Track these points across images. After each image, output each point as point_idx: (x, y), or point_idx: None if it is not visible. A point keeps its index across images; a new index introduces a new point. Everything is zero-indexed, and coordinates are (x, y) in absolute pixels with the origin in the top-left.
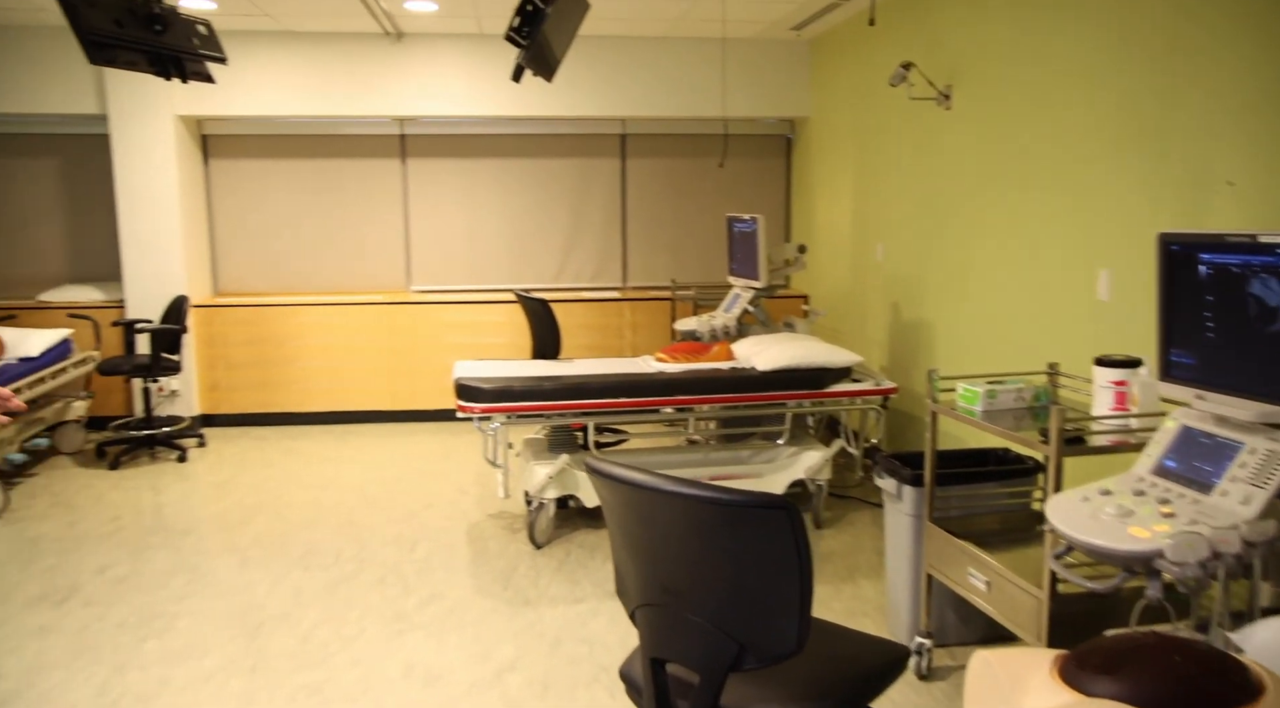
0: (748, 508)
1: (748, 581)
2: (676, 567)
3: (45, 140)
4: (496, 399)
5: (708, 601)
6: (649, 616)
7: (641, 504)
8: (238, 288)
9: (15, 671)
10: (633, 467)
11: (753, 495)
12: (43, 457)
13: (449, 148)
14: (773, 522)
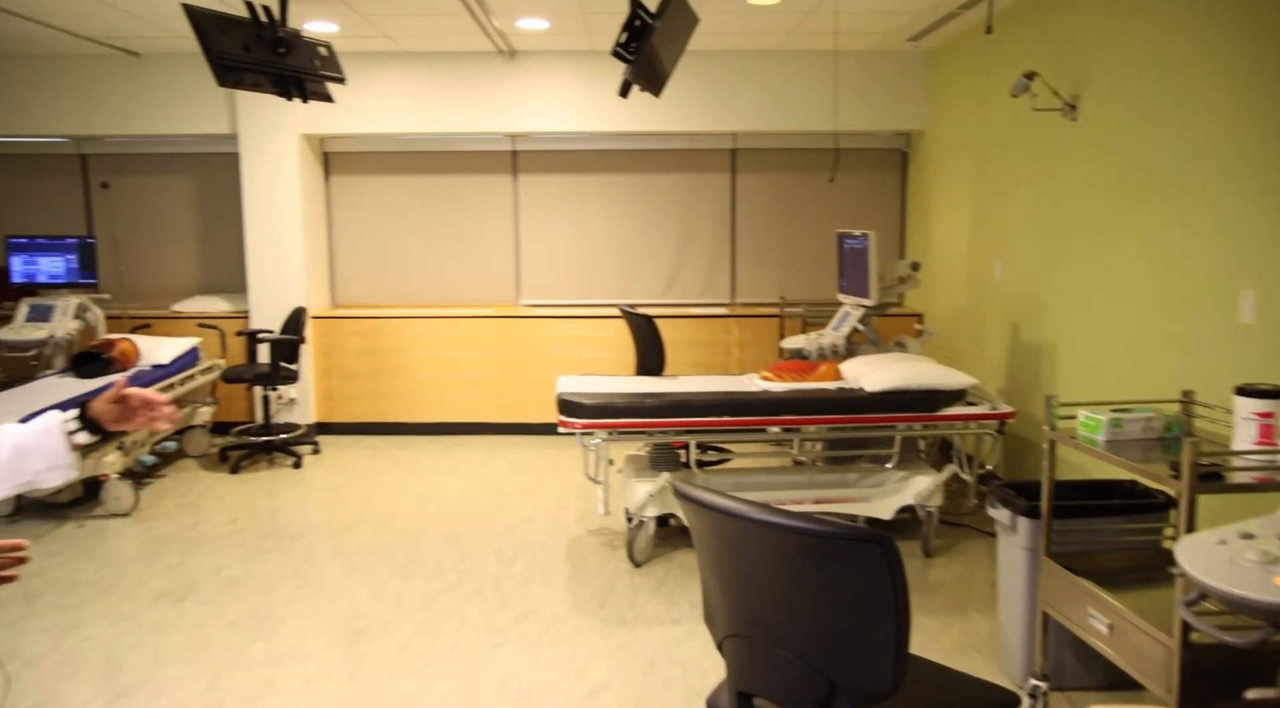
0: (840, 540)
1: (840, 616)
2: (765, 599)
3: (181, 159)
4: (597, 415)
5: (798, 635)
6: (737, 647)
7: (729, 532)
8: (354, 300)
9: (136, 664)
10: (721, 492)
11: (846, 527)
12: (171, 459)
13: (559, 163)
14: (867, 555)
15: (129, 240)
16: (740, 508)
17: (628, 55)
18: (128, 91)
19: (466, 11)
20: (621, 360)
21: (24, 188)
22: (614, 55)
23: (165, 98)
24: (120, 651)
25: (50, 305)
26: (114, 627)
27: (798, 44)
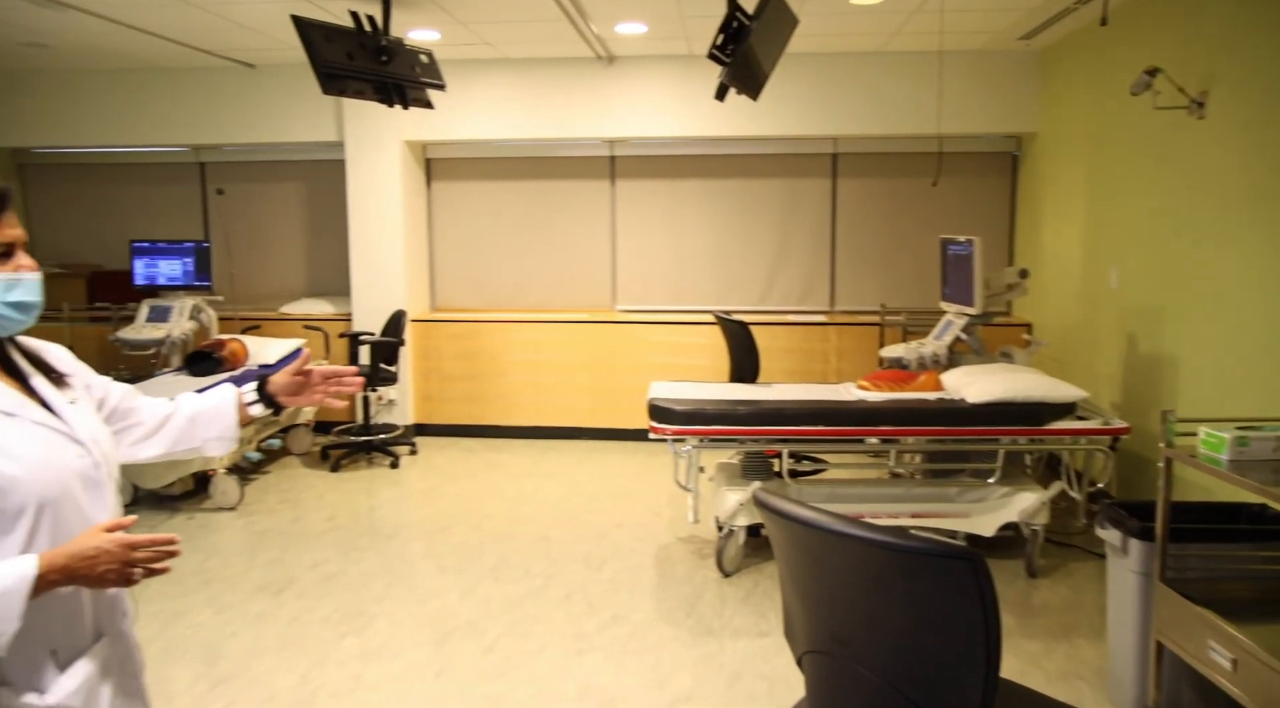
0: (926, 557)
1: (925, 635)
2: (847, 614)
3: (291, 166)
4: (688, 422)
5: (880, 654)
6: (816, 664)
7: (810, 544)
8: (454, 304)
9: (234, 653)
10: (802, 503)
11: (933, 543)
12: (275, 456)
13: (657, 169)
14: (954, 573)
15: (241, 245)
16: (821, 520)
17: (724, 58)
18: (243, 101)
19: (565, 17)
20: (717, 367)
21: (148, 195)
22: (710, 58)
23: (277, 107)
24: (221, 639)
25: (168, 306)
26: (217, 616)
27: (901, 45)
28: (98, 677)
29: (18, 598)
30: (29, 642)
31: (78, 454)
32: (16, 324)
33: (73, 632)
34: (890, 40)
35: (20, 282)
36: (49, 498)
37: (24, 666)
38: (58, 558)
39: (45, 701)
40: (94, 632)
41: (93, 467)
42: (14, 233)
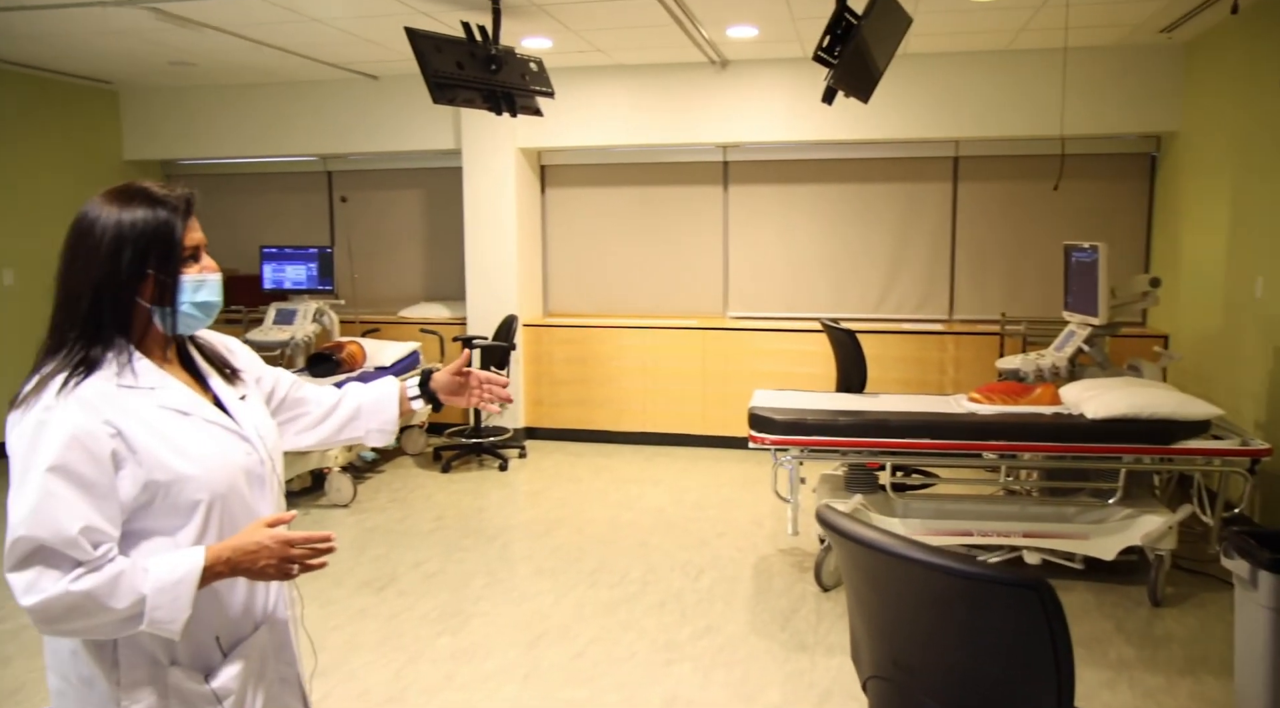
0: (988, 583)
1: (989, 666)
2: (909, 640)
3: (411, 174)
4: (788, 432)
5: (943, 683)
6: (880, 690)
7: (870, 565)
8: (565, 309)
9: (334, 646)
10: (863, 521)
11: (994, 570)
12: (389, 456)
13: (770, 174)
14: (1019, 602)
15: (363, 250)
16: (880, 540)
17: (830, 59)
18: (367, 112)
19: (674, 22)
20: (828, 376)
21: (279, 202)
22: (815, 60)
23: (399, 116)
24: (323, 632)
25: (294, 310)
26: (321, 609)
27: (1026, 43)
28: (257, 663)
29: (188, 588)
30: (196, 628)
31: (245, 452)
32: (198, 323)
33: (235, 620)
34: (1014, 38)
35: (205, 282)
36: (218, 493)
37: (192, 650)
38: (223, 551)
39: (210, 684)
40: (254, 621)
41: (258, 463)
42: (198, 236)
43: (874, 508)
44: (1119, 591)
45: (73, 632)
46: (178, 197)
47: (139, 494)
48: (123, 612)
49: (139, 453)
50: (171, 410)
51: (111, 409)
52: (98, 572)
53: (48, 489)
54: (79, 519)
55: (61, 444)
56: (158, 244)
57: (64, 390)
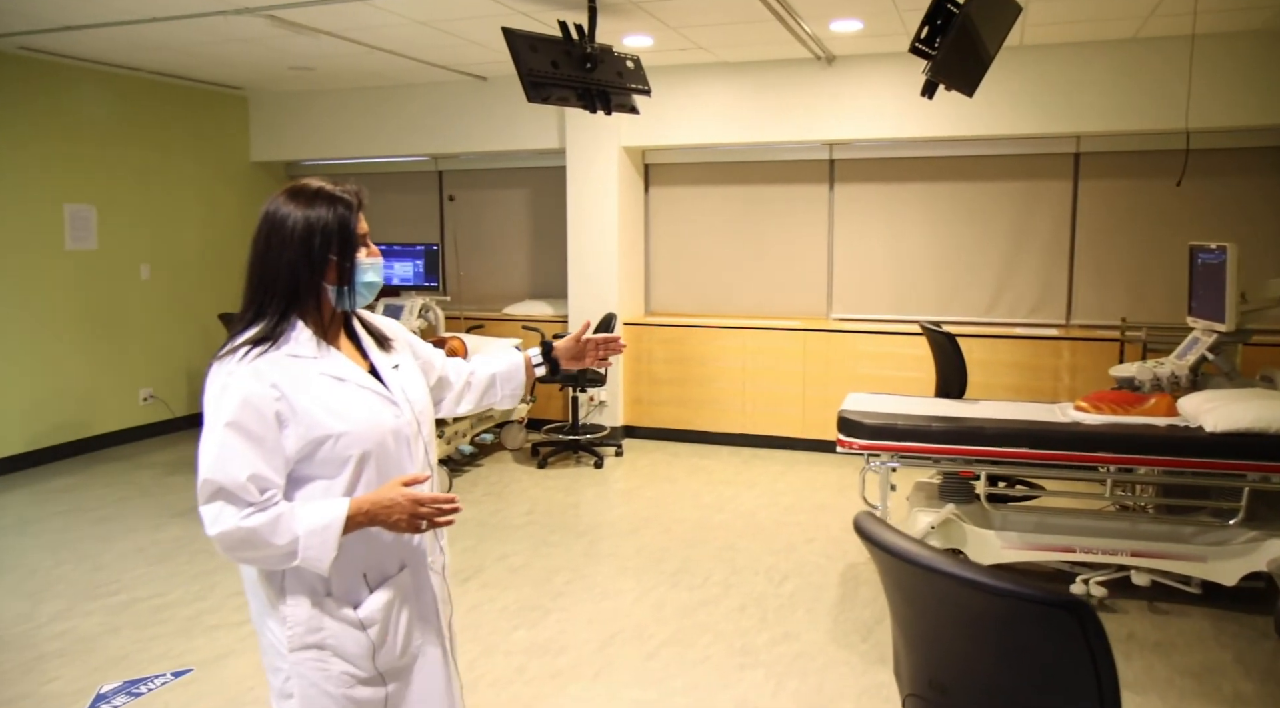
0: (1022, 602)
1: (1025, 690)
2: (944, 660)
3: (517, 173)
4: (877, 436)
5: (978, 705)
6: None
7: (904, 578)
8: (667, 308)
9: None
10: (896, 531)
11: (1029, 587)
12: (488, 451)
13: (877, 172)
14: (1057, 624)
15: (470, 248)
16: (912, 550)
17: (929, 51)
18: (475, 112)
19: (774, 18)
20: (933, 381)
21: (391, 202)
22: (913, 52)
23: (506, 117)
24: None
25: (401, 305)
26: None
27: (1154, 30)
28: (398, 600)
29: (334, 533)
30: (346, 565)
31: (394, 414)
32: (365, 300)
33: (379, 560)
34: (1140, 26)
35: (374, 265)
36: (368, 450)
37: (343, 583)
38: (364, 503)
39: (357, 614)
40: (399, 563)
41: (406, 424)
42: (365, 226)
43: (968, 519)
44: (1241, 620)
45: (246, 560)
46: (351, 193)
47: (300, 448)
48: (282, 548)
49: (299, 414)
50: (330, 377)
51: (279, 375)
52: (263, 512)
53: (225, 441)
54: (248, 468)
55: (237, 405)
56: (340, 234)
57: (245, 358)
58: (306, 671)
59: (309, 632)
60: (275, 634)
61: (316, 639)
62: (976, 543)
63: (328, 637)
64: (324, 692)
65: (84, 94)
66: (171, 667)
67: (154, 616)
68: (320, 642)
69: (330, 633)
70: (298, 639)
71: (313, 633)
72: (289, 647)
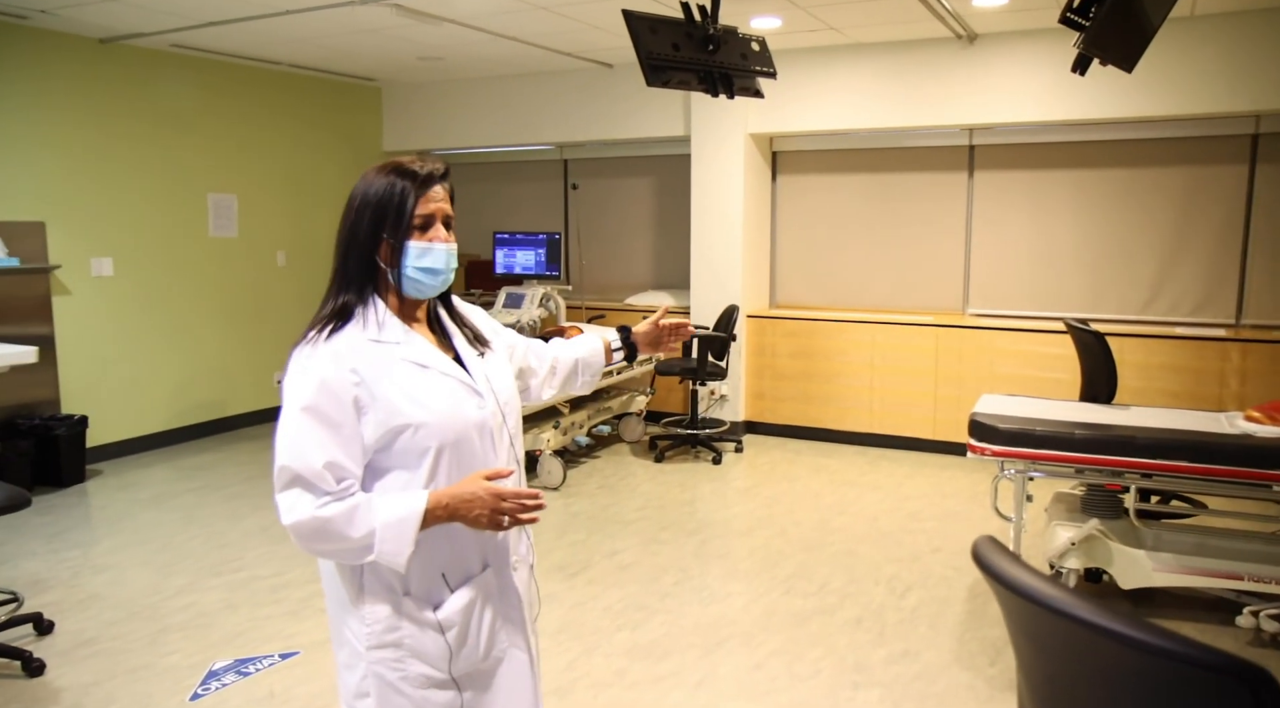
0: (1178, 663)
1: None
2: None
3: (641, 162)
4: (1011, 442)
5: None
6: None
7: (1031, 621)
8: (793, 300)
9: None
10: (1017, 561)
11: (1190, 646)
12: (605, 442)
13: (1022, 158)
14: (1222, 695)
15: (593, 237)
16: (1043, 591)
17: (1081, 21)
18: (601, 100)
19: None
20: (1077, 383)
21: (516, 191)
22: (1063, 23)
23: (631, 104)
24: None
25: (522, 294)
26: None
27: None
28: (480, 601)
29: (411, 527)
30: (425, 563)
31: (477, 405)
32: (423, 288)
33: (460, 559)
34: None
35: (431, 250)
36: (448, 441)
37: (422, 583)
38: (443, 497)
39: (436, 615)
40: (481, 561)
41: (490, 416)
42: (435, 207)
43: (1114, 536)
44: None
45: (321, 552)
46: (423, 169)
47: (379, 437)
48: (357, 541)
49: (379, 400)
50: (412, 363)
51: (358, 360)
52: (340, 502)
53: (301, 426)
54: (325, 455)
55: (314, 389)
56: (390, 211)
57: (323, 339)
58: (384, 670)
59: (387, 630)
60: (353, 631)
61: (394, 639)
62: (1123, 563)
63: (405, 637)
64: (401, 692)
65: (228, 88)
66: (280, 648)
67: (270, 595)
68: (398, 641)
69: (408, 633)
70: (375, 638)
71: (391, 632)
72: (367, 644)
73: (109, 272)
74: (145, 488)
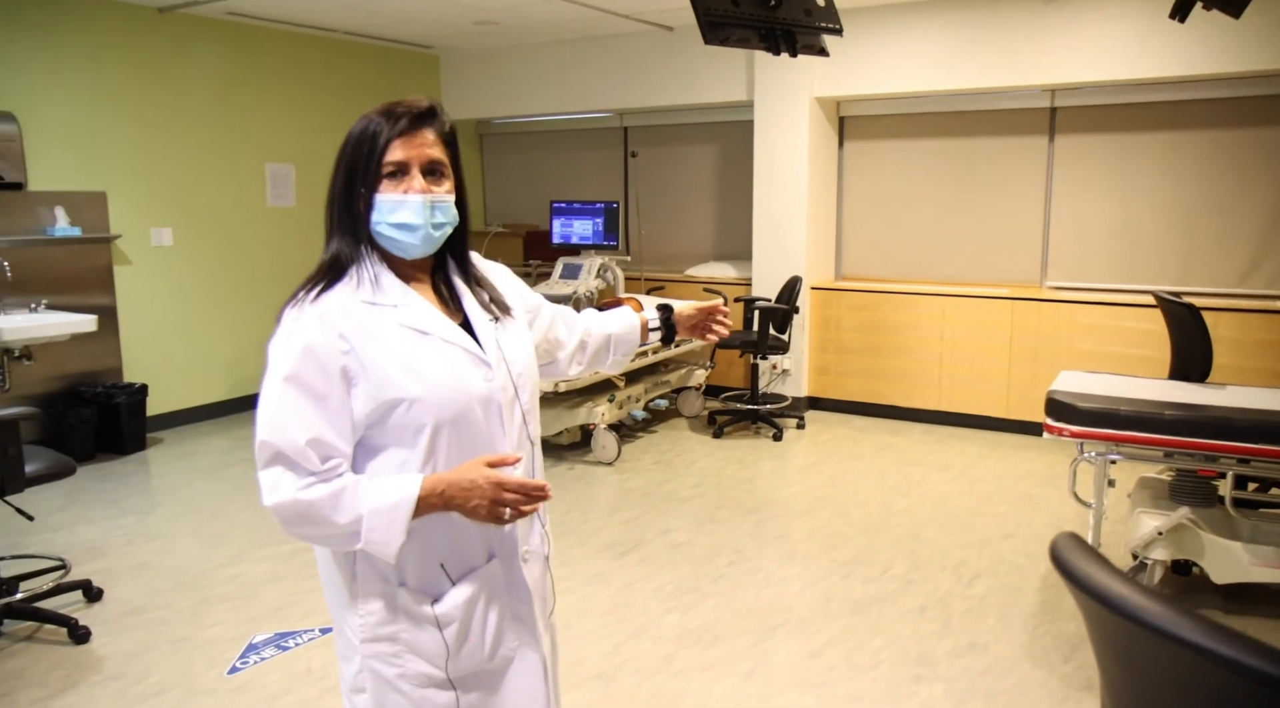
0: (1271, 685)
1: None
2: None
3: (702, 128)
4: (1092, 422)
5: None
6: None
7: (1105, 624)
8: (859, 272)
9: (562, 609)
10: (1102, 562)
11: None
12: (662, 417)
13: (1108, 120)
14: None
15: (652, 207)
16: (1122, 595)
17: None
18: (661, 65)
19: None
20: (1166, 360)
21: (575, 159)
22: None
23: (692, 68)
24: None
25: (579, 264)
26: (559, 569)
27: None
28: (485, 596)
29: (402, 515)
30: (422, 553)
31: (484, 377)
32: (408, 246)
33: (461, 549)
34: None
35: (404, 203)
36: (446, 418)
37: (419, 574)
38: (439, 484)
39: (434, 610)
40: (486, 552)
41: (499, 390)
42: (415, 153)
43: (1207, 526)
44: None
45: (306, 537)
46: (402, 108)
47: (370, 412)
48: (343, 527)
49: (369, 371)
50: (410, 329)
51: (349, 324)
52: (325, 484)
53: (283, 398)
54: (308, 431)
55: (298, 355)
56: (359, 157)
57: (310, 300)
58: (379, 665)
59: (381, 623)
60: (348, 622)
61: (389, 633)
62: (1216, 556)
63: (401, 631)
64: (398, 690)
65: (285, 57)
66: (321, 623)
67: (313, 569)
68: (393, 635)
69: (404, 628)
70: (369, 630)
71: (385, 625)
72: (361, 637)
73: (169, 241)
74: (202, 457)
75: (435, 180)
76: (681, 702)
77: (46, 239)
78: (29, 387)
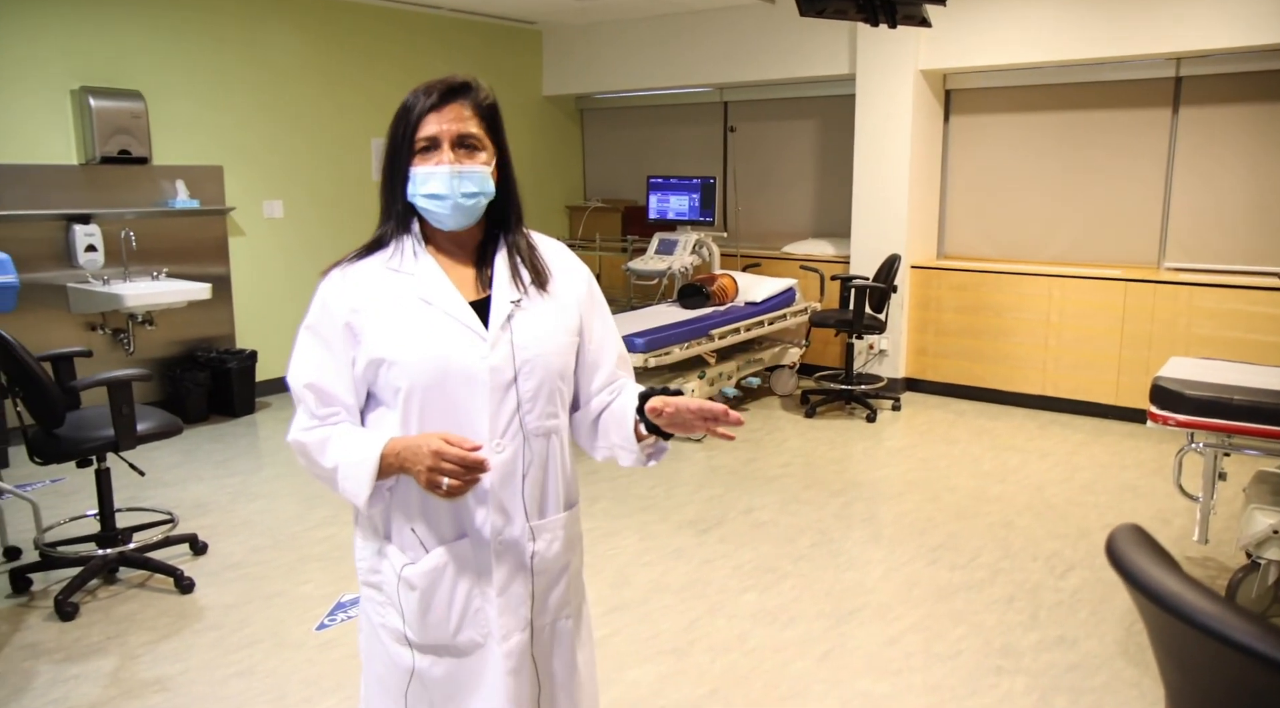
0: None
1: None
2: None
3: (803, 103)
4: (1201, 411)
5: None
6: None
7: (1161, 627)
8: (963, 251)
9: (640, 583)
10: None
11: None
12: (754, 395)
13: (1239, 90)
14: None
15: (751, 182)
16: (1177, 595)
17: None
18: (762, 39)
19: None
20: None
21: (675, 134)
22: None
23: (792, 42)
24: (634, 568)
25: (675, 240)
26: (640, 543)
27: None
28: (453, 571)
29: (366, 470)
30: (398, 514)
31: (479, 354)
32: (442, 216)
33: (432, 519)
34: None
35: (433, 175)
36: (419, 384)
37: (399, 534)
38: (397, 445)
39: (404, 569)
40: (456, 529)
41: (489, 368)
42: (439, 129)
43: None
44: None
45: (310, 474)
46: (437, 84)
47: (364, 368)
48: (327, 472)
49: (367, 330)
50: (419, 298)
51: (367, 288)
52: (320, 429)
53: (301, 344)
54: (310, 374)
55: (317, 308)
56: (398, 133)
57: (344, 264)
58: (370, 609)
59: (370, 571)
60: (357, 557)
61: (376, 581)
62: None
63: (384, 582)
64: (379, 639)
65: (389, 34)
66: None
67: None
68: (379, 584)
69: (387, 580)
70: (364, 575)
71: (373, 573)
72: (360, 578)
73: (279, 214)
74: None
75: (467, 153)
76: (752, 680)
77: (168, 211)
78: (150, 350)
